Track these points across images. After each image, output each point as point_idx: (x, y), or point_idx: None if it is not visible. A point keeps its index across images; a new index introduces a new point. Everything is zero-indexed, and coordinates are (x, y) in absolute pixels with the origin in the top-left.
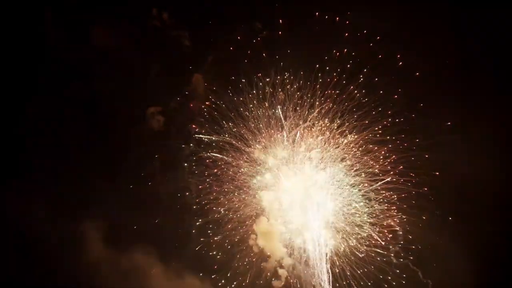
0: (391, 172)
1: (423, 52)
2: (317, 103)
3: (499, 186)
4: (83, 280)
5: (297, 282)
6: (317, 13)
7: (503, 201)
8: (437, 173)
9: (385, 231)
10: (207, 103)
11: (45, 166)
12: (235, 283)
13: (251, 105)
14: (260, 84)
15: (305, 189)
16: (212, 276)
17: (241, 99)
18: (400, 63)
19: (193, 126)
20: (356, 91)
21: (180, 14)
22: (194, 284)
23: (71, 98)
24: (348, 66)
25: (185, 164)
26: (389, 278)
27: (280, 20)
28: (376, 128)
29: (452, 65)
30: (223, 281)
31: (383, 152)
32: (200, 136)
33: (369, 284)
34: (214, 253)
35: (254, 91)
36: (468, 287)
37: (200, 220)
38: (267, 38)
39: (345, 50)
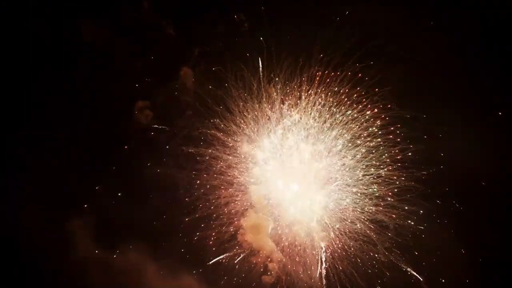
0: (381, 166)
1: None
2: (304, 95)
3: (494, 182)
4: (71, 279)
5: (287, 277)
6: None
7: (499, 196)
8: (429, 168)
9: (376, 226)
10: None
11: (31, 162)
12: (225, 278)
13: (238, 98)
14: (247, 76)
15: (294, 183)
16: (202, 271)
17: (227, 92)
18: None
19: (181, 120)
20: (342, 83)
21: (163, 7)
22: (184, 280)
23: (57, 94)
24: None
25: (174, 159)
26: (380, 273)
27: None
28: (366, 122)
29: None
30: (213, 277)
31: (373, 145)
32: (188, 130)
33: (360, 279)
34: (204, 248)
35: (241, 84)
36: (461, 283)
37: (189, 215)
38: (251, 29)
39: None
